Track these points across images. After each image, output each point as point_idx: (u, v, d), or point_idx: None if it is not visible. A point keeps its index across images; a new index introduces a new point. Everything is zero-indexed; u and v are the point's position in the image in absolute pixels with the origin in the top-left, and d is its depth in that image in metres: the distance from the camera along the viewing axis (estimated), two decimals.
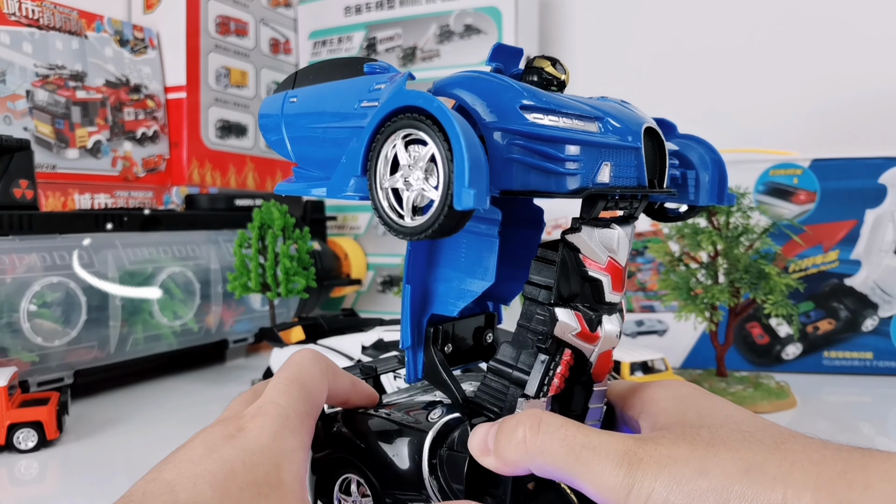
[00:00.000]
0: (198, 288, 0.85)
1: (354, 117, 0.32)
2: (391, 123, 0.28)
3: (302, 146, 0.36)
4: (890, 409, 0.71)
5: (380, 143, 0.29)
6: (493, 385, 0.33)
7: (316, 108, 0.35)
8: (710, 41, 1.11)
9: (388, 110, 0.28)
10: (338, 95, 0.34)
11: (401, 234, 0.29)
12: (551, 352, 0.31)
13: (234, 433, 0.29)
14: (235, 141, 1.15)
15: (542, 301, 0.31)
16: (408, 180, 0.28)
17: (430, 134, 0.27)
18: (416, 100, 0.27)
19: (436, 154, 0.27)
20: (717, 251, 0.71)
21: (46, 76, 0.90)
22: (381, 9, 1.16)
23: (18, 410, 0.58)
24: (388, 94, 0.30)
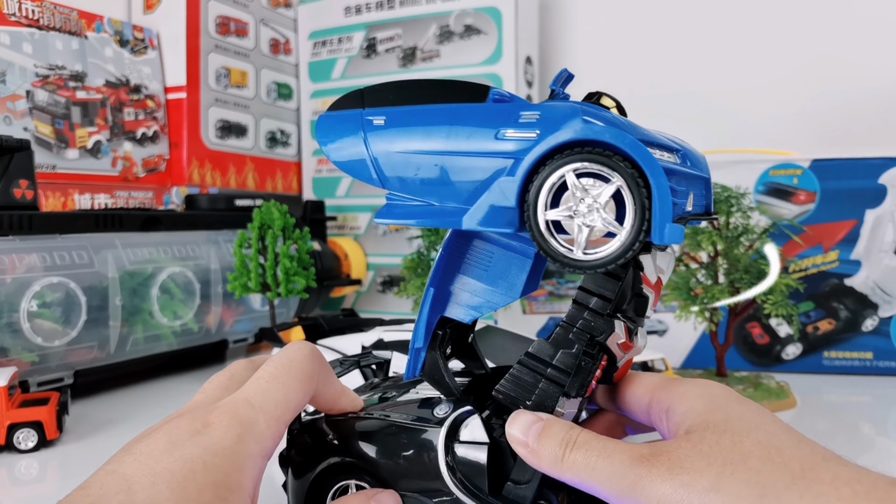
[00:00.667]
0: (198, 288, 0.85)
1: (495, 147, 0.31)
2: (563, 157, 0.29)
3: (401, 172, 0.33)
4: (890, 409, 0.71)
5: (545, 175, 0.29)
6: (524, 378, 0.34)
7: (426, 134, 0.33)
8: (710, 41, 1.11)
9: (561, 142, 0.29)
10: (464, 121, 0.32)
11: (576, 267, 0.30)
12: (596, 356, 0.33)
13: (199, 429, 0.29)
14: (235, 141, 1.15)
15: (594, 309, 0.33)
16: (579, 213, 0.29)
17: (620, 170, 0.28)
18: (600, 134, 0.28)
19: (624, 190, 0.28)
20: (717, 251, 0.71)
21: (46, 76, 0.90)
22: (381, 9, 1.16)
23: (18, 410, 0.58)
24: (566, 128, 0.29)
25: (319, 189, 1.24)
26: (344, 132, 0.35)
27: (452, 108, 0.33)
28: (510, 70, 1.06)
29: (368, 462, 0.34)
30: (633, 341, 0.34)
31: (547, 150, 0.29)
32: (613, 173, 0.29)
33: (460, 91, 0.33)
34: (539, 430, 0.31)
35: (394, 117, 0.34)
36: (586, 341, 0.33)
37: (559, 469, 0.30)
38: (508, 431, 0.32)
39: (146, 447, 0.28)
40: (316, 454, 0.36)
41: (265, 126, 1.21)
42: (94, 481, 0.27)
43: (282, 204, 0.82)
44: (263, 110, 1.20)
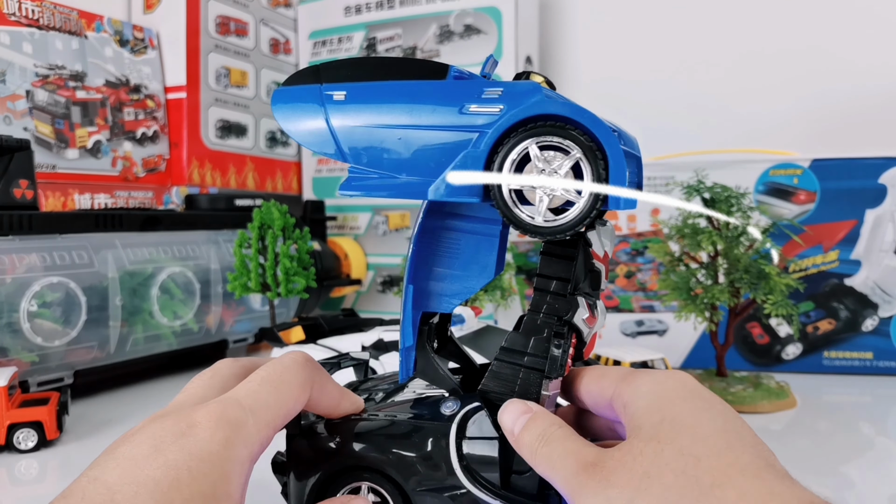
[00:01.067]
0: (198, 288, 0.85)
1: (458, 121, 0.32)
2: (526, 130, 0.31)
3: (363, 146, 0.34)
4: (890, 409, 0.71)
5: (509, 147, 0.31)
6: (503, 371, 0.35)
7: (389, 109, 0.34)
8: (710, 41, 1.11)
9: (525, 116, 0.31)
10: (426, 97, 0.33)
11: (539, 233, 0.31)
12: (566, 335, 0.34)
13: (184, 430, 0.28)
14: (235, 141, 1.15)
15: (555, 291, 0.34)
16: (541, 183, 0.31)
17: (579, 142, 0.30)
18: (563, 109, 0.31)
19: (583, 160, 0.31)
20: (717, 251, 0.71)
21: (46, 76, 0.90)
22: (381, 9, 1.16)
23: (18, 410, 0.58)
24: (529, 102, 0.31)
25: (319, 189, 1.24)
26: (302, 106, 0.35)
27: (414, 84, 0.34)
28: (510, 70, 1.06)
29: (380, 463, 0.34)
30: (595, 315, 0.35)
31: (511, 124, 0.31)
32: (573, 146, 0.31)
33: (420, 68, 0.34)
34: (525, 421, 0.32)
35: (355, 92, 0.34)
36: (554, 323, 0.34)
37: (534, 461, 0.31)
38: (500, 419, 0.33)
39: (129, 451, 0.27)
40: (323, 457, 0.36)
41: (265, 126, 1.21)
42: (76, 489, 0.26)
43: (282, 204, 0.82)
44: (263, 110, 1.20)
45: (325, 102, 0.34)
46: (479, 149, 0.32)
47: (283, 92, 0.36)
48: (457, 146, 0.32)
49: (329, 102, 0.34)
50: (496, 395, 0.34)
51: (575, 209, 0.31)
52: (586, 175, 0.31)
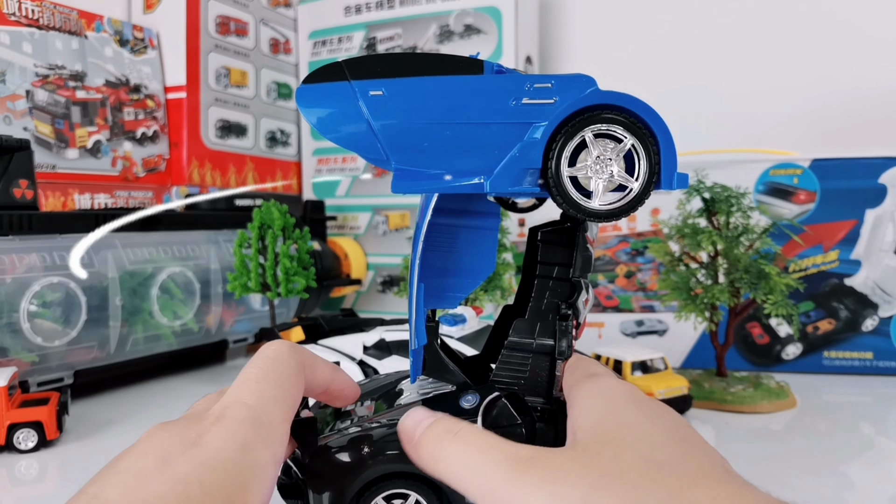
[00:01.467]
0: (198, 288, 0.85)
1: (510, 114, 0.33)
2: (581, 119, 0.32)
3: (409, 143, 0.33)
4: (890, 409, 0.71)
5: (567, 137, 0.32)
6: (513, 360, 0.35)
7: (435, 105, 0.33)
8: (710, 41, 1.11)
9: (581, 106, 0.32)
10: (474, 92, 0.33)
11: (596, 217, 0.33)
12: (569, 317, 0.35)
13: (193, 440, 0.25)
14: (235, 141, 1.15)
15: (558, 277, 0.36)
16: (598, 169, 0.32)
17: (633, 129, 0.32)
18: (616, 99, 0.32)
19: (637, 147, 0.32)
20: (717, 251, 0.71)
21: (46, 76, 0.90)
22: (381, 9, 1.16)
23: (18, 410, 0.58)
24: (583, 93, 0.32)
25: (319, 189, 1.24)
26: (337, 106, 0.33)
27: (458, 79, 0.33)
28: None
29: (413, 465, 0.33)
30: (589, 295, 0.37)
31: (569, 114, 0.32)
32: (627, 133, 0.32)
33: (455, 63, 0.34)
34: (429, 422, 0.30)
35: (394, 88, 0.33)
36: (556, 307, 0.35)
37: (433, 462, 0.28)
38: (400, 425, 0.31)
39: (134, 463, 0.25)
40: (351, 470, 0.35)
41: (265, 126, 1.21)
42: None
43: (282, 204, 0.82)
44: (263, 110, 1.20)
45: (362, 100, 0.33)
46: (537, 139, 0.32)
47: (311, 91, 0.34)
48: (510, 139, 0.33)
49: (366, 100, 0.33)
50: (507, 383, 0.35)
51: (630, 193, 0.32)
52: (641, 160, 0.32)
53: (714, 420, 0.66)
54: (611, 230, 0.89)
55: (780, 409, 0.68)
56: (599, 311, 0.89)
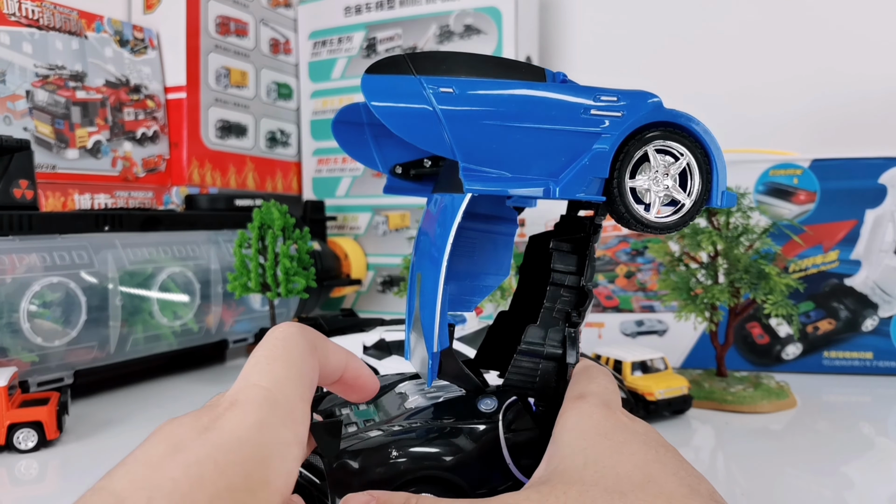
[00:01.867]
0: (198, 288, 0.85)
1: (579, 123, 0.34)
2: (649, 134, 0.34)
3: (478, 143, 0.33)
4: (890, 409, 0.71)
5: (632, 150, 0.34)
6: (524, 364, 0.36)
7: (506, 107, 0.33)
8: (710, 41, 1.11)
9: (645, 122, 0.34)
10: (545, 98, 0.34)
11: (652, 229, 0.34)
12: (578, 324, 0.36)
13: (207, 425, 0.24)
14: (235, 141, 1.15)
15: (570, 285, 0.37)
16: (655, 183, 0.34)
17: (690, 148, 0.34)
18: (677, 117, 0.34)
19: (692, 164, 0.34)
20: (717, 251, 0.71)
21: (46, 76, 0.90)
22: (381, 9, 1.16)
23: (18, 410, 0.58)
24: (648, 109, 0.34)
25: (319, 189, 1.24)
26: (406, 99, 0.33)
27: (529, 83, 0.34)
28: None
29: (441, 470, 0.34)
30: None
31: (636, 128, 0.33)
32: (685, 151, 0.34)
33: (518, 68, 0.35)
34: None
35: (464, 87, 0.33)
36: (567, 315, 0.36)
37: None
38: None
39: (143, 454, 0.23)
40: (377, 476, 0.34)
41: (265, 126, 1.21)
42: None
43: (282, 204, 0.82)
44: (263, 110, 1.20)
45: (433, 96, 0.33)
46: (606, 150, 0.33)
47: (378, 81, 0.33)
48: (577, 147, 0.33)
49: (437, 96, 0.33)
50: (518, 388, 0.36)
51: (683, 208, 0.34)
52: (694, 177, 0.34)
53: (714, 420, 0.66)
54: (611, 230, 0.89)
55: (780, 409, 0.68)
56: (599, 311, 0.89)
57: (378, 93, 0.33)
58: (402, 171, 0.43)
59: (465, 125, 0.33)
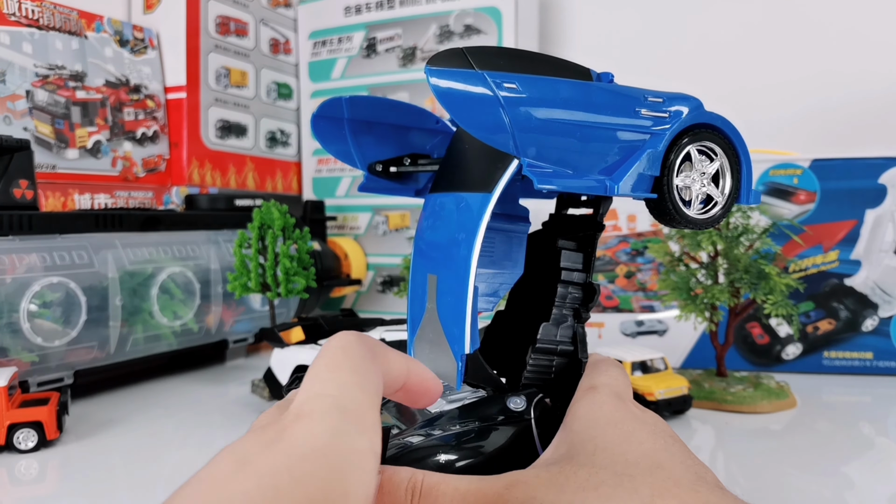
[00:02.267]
0: (198, 288, 0.85)
1: (633, 122, 0.35)
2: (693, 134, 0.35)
3: (540, 139, 0.33)
4: (890, 409, 0.71)
5: (678, 149, 0.35)
6: (541, 362, 0.37)
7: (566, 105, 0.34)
8: (709, 42, 1.11)
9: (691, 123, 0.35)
10: (603, 97, 0.35)
11: (692, 224, 0.36)
12: (585, 320, 0.38)
13: (274, 438, 0.22)
14: (235, 141, 1.15)
15: (577, 282, 0.38)
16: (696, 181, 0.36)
17: (724, 148, 0.36)
18: (716, 120, 0.36)
19: (724, 164, 0.36)
20: (717, 251, 0.71)
21: (46, 76, 0.90)
22: (381, 9, 1.16)
23: (18, 410, 0.58)
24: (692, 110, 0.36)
25: (319, 189, 1.24)
26: (474, 93, 0.32)
27: (586, 83, 0.35)
28: None
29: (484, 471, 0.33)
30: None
31: (683, 128, 0.35)
32: (720, 151, 0.36)
33: (568, 68, 0.36)
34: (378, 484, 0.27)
35: (527, 84, 0.33)
36: (576, 311, 0.37)
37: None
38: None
39: (206, 473, 0.21)
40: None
41: (265, 126, 1.21)
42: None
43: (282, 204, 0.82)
44: (263, 110, 1.20)
45: (497, 91, 0.32)
46: (657, 149, 0.35)
47: (444, 73, 0.32)
48: (630, 146, 0.35)
49: (502, 91, 0.33)
50: (538, 386, 0.37)
51: (716, 206, 0.36)
52: (727, 177, 0.36)
53: (714, 420, 0.66)
54: (611, 230, 0.89)
55: (780, 409, 0.68)
56: (599, 311, 0.89)
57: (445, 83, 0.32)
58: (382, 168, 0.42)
59: (528, 121, 0.33)
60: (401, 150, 0.43)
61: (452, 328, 0.35)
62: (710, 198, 0.37)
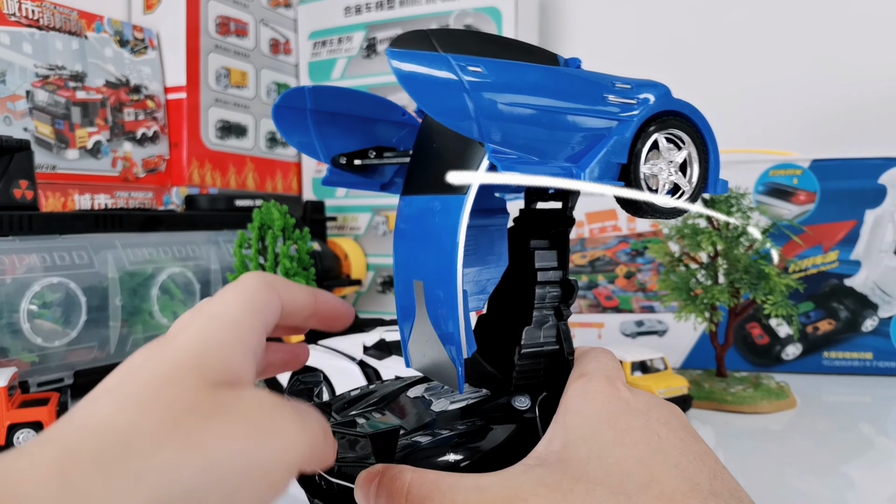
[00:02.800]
0: (198, 288, 0.85)
1: (600, 109, 0.34)
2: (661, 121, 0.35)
3: (505, 125, 0.32)
4: (890, 409, 0.71)
5: (646, 136, 0.34)
6: (527, 366, 0.36)
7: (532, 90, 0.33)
8: (709, 42, 1.11)
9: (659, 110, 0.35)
10: (569, 83, 0.34)
11: (659, 214, 0.35)
12: (567, 317, 0.37)
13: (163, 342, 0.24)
14: (235, 141, 1.15)
15: (554, 280, 0.37)
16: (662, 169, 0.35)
17: (691, 136, 0.36)
18: (683, 107, 0.35)
19: (692, 152, 0.35)
20: (717, 251, 0.71)
21: (46, 76, 0.90)
22: (381, 9, 1.16)
23: (18, 411, 0.58)
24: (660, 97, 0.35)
25: (319, 189, 1.24)
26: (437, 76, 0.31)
27: (552, 68, 0.34)
28: None
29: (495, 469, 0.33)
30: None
31: (650, 115, 0.34)
32: (688, 140, 0.36)
33: (535, 53, 0.34)
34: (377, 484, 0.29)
35: (492, 68, 0.32)
36: (557, 310, 0.37)
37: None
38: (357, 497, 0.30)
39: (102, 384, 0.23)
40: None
41: (265, 126, 1.21)
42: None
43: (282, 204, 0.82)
44: (263, 110, 1.20)
45: (462, 75, 0.31)
46: (625, 136, 0.34)
47: (406, 56, 0.31)
48: (597, 133, 0.34)
49: (466, 75, 0.31)
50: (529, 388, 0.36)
51: (684, 195, 0.36)
52: (694, 165, 0.36)
53: (714, 420, 0.66)
54: (611, 230, 0.89)
55: (780, 410, 0.68)
56: (599, 312, 0.89)
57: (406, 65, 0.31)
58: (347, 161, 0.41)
59: (493, 107, 0.31)
60: (366, 143, 0.42)
61: (446, 333, 0.34)
62: (677, 187, 0.36)
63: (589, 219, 0.89)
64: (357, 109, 0.42)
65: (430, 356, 0.36)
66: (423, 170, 0.37)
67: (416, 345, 0.37)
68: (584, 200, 0.77)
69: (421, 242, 0.36)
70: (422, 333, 0.36)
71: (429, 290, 0.35)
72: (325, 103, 0.40)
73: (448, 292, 0.33)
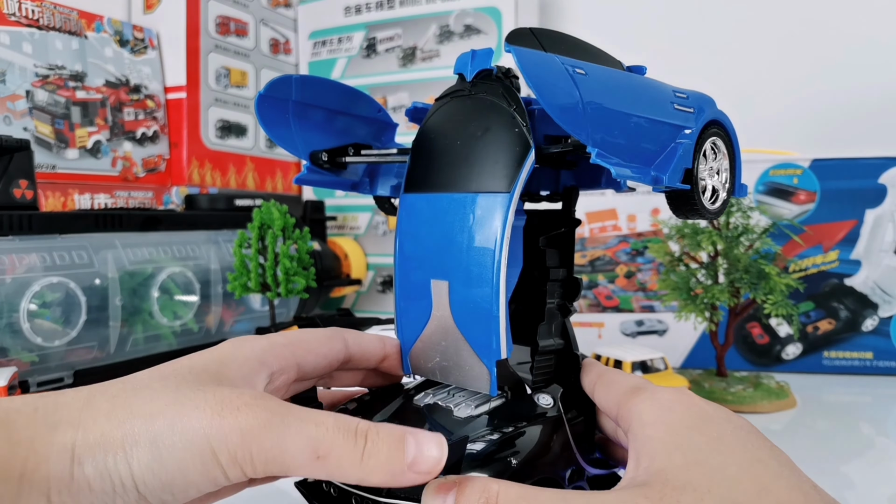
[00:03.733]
0: (198, 288, 0.85)
1: (670, 116, 0.36)
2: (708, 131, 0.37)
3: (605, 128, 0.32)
4: (890, 409, 0.71)
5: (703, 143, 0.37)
6: (544, 363, 0.37)
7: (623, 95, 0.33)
8: (710, 42, 1.11)
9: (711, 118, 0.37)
10: (646, 90, 0.36)
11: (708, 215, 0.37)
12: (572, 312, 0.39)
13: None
14: (235, 141, 1.15)
15: (561, 278, 0.38)
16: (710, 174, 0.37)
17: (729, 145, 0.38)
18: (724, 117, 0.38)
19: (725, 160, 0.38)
20: (717, 251, 0.71)
21: (46, 76, 0.90)
22: (381, 9, 1.16)
23: None
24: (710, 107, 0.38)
25: (319, 189, 1.24)
26: (556, 76, 0.31)
27: (630, 75, 0.36)
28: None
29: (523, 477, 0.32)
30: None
31: (706, 123, 0.36)
32: (725, 148, 0.38)
33: (608, 58, 0.37)
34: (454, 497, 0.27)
35: (593, 71, 0.32)
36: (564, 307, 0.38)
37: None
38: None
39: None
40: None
41: None
42: None
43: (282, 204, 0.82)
44: None
45: (574, 76, 0.31)
46: (691, 143, 0.35)
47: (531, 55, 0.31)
48: (667, 138, 0.35)
49: (576, 78, 0.31)
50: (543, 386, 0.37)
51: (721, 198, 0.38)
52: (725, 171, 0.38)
53: None
54: (611, 230, 0.89)
55: (780, 409, 0.68)
56: (599, 312, 0.89)
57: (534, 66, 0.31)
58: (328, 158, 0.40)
59: (599, 109, 0.32)
60: (342, 140, 0.41)
61: (479, 335, 0.33)
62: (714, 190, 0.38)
63: (589, 218, 0.89)
64: (338, 103, 0.41)
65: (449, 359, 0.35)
66: (448, 167, 0.36)
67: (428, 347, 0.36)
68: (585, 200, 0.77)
69: (446, 241, 0.35)
70: (440, 335, 0.35)
71: (457, 291, 0.34)
72: (311, 95, 0.40)
73: (488, 292, 0.33)
